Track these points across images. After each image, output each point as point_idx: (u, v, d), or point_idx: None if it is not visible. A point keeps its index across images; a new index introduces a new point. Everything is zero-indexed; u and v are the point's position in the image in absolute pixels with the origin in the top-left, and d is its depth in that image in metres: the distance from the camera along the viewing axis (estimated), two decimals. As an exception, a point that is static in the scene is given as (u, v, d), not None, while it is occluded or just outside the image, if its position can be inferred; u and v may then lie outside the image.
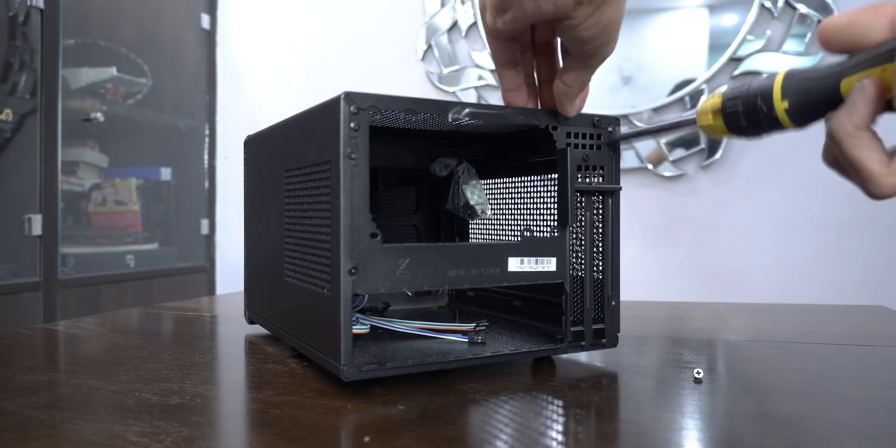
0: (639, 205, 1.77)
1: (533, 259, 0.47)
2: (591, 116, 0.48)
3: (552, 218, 0.54)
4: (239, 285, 2.07)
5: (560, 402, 0.40)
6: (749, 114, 0.36)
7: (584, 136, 0.48)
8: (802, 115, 0.34)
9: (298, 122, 0.50)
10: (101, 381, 0.45)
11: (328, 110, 0.42)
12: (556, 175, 0.49)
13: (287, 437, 0.34)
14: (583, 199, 0.48)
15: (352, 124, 0.40)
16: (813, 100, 0.33)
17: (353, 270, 0.40)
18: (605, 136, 0.49)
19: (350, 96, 0.40)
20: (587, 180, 0.48)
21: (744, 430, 0.36)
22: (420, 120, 0.47)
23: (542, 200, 0.56)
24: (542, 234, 0.55)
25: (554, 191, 0.54)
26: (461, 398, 0.41)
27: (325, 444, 0.33)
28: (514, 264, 0.46)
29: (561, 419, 0.37)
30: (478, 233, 0.66)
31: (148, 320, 0.74)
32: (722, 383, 0.44)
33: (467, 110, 0.44)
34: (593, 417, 0.37)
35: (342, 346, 0.40)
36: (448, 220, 0.71)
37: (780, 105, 0.34)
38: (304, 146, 0.48)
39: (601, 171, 0.49)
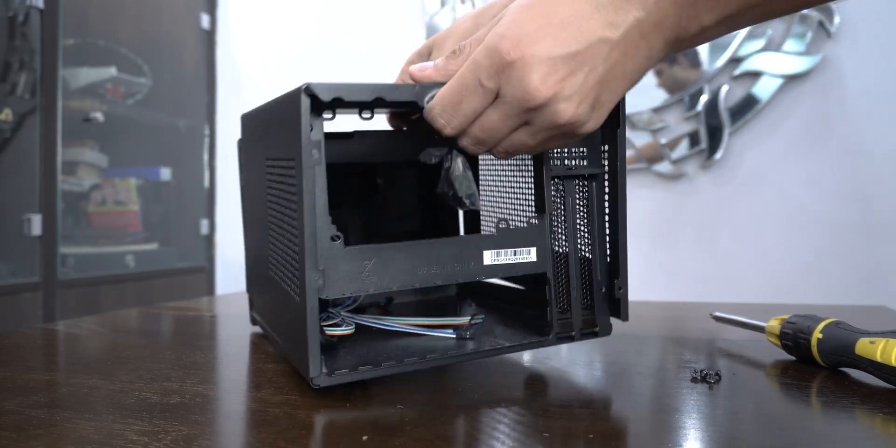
0: (639, 205, 1.77)
1: (511, 250, 0.45)
2: None
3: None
4: (239, 285, 2.07)
5: (558, 402, 0.40)
6: (796, 347, 0.49)
7: None
8: (827, 355, 0.46)
9: (272, 108, 0.47)
10: (102, 381, 0.45)
11: (290, 103, 0.40)
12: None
13: (286, 436, 0.34)
14: (563, 185, 0.47)
15: (313, 119, 0.38)
16: (834, 347, 0.45)
17: (318, 277, 0.39)
18: None
19: (311, 88, 0.38)
20: (567, 164, 0.46)
21: (744, 430, 0.36)
22: (392, 108, 0.44)
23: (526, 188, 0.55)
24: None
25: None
26: (459, 397, 0.41)
27: (324, 443, 0.33)
28: (490, 257, 0.44)
29: (559, 418, 0.37)
30: (490, 225, 0.64)
31: (148, 320, 0.74)
32: (722, 383, 0.44)
33: None
34: (592, 417, 0.37)
35: (310, 354, 0.39)
36: (453, 211, 0.69)
37: (815, 346, 0.47)
38: (275, 137, 0.46)
39: (583, 154, 0.46)
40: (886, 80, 1.57)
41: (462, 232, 0.69)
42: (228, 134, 2.19)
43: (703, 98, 1.69)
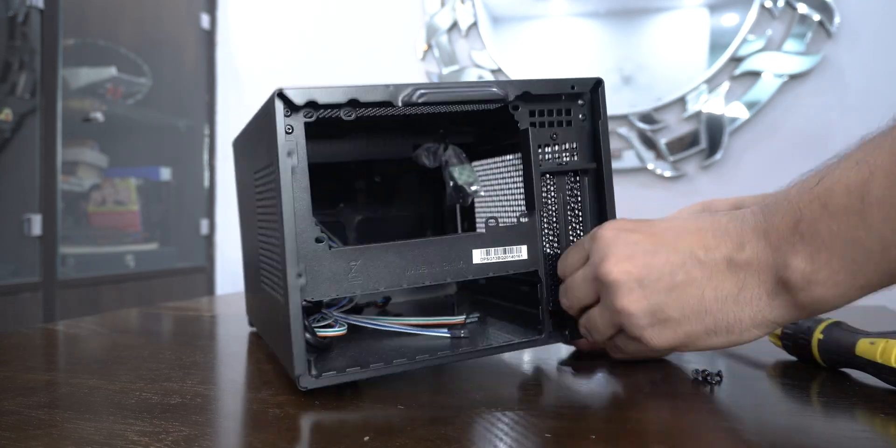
0: (639, 205, 1.76)
1: (500, 249, 0.44)
2: (568, 81, 0.45)
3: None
4: (239, 285, 2.07)
5: (559, 402, 0.40)
6: (796, 347, 0.49)
7: (551, 113, 0.45)
8: (828, 355, 0.46)
9: (254, 120, 0.48)
10: (102, 381, 0.45)
11: (266, 109, 0.40)
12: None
13: (287, 436, 0.34)
14: (554, 181, 0.46)
15: (288, 123, 0.39)
16: (834, 347, 0.45)
17: (299, 275, 0.39)
18: (576, 109, 0.46)
19: (284, 93, 0.38)
20: (558, 160, 0.46)
21: (744, 430, 0.36)
22: (369, 110, 0.43)
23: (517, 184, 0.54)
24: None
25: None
26: (461, 397, 0.41)
27: (325, 443, 0.33)
28: (479, 256, 0.44)
29: (560, 419, 0.37)
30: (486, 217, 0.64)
31: (148, 320, 0.74)
32: (722, 383, 0.44)
33: (420, 92, 0.41)
34: (592, 417, 0.37)
35: (295, 358, 0.39)
36: (452, 205, 0.69)
37: (815, 347, 0.46)
38: (258, 147, 0.46)
39: (574, 149, 0.46)
40: (886, 80, 1.57)
41: (459, 228, 0.69)
42: (228, 134, 2.19)
43: (703, 97, 1.69)
